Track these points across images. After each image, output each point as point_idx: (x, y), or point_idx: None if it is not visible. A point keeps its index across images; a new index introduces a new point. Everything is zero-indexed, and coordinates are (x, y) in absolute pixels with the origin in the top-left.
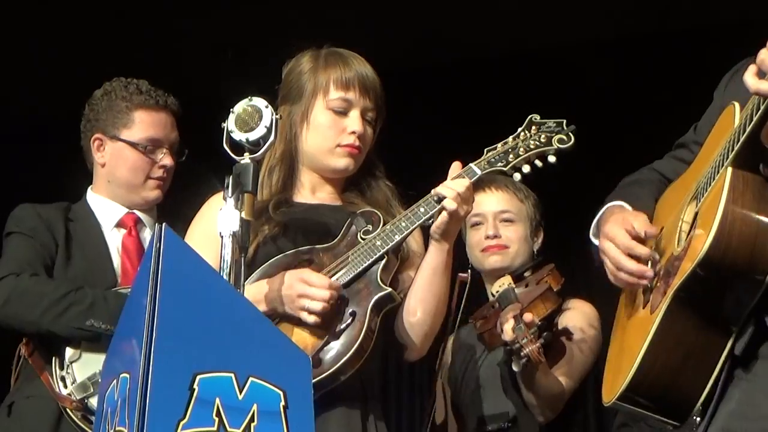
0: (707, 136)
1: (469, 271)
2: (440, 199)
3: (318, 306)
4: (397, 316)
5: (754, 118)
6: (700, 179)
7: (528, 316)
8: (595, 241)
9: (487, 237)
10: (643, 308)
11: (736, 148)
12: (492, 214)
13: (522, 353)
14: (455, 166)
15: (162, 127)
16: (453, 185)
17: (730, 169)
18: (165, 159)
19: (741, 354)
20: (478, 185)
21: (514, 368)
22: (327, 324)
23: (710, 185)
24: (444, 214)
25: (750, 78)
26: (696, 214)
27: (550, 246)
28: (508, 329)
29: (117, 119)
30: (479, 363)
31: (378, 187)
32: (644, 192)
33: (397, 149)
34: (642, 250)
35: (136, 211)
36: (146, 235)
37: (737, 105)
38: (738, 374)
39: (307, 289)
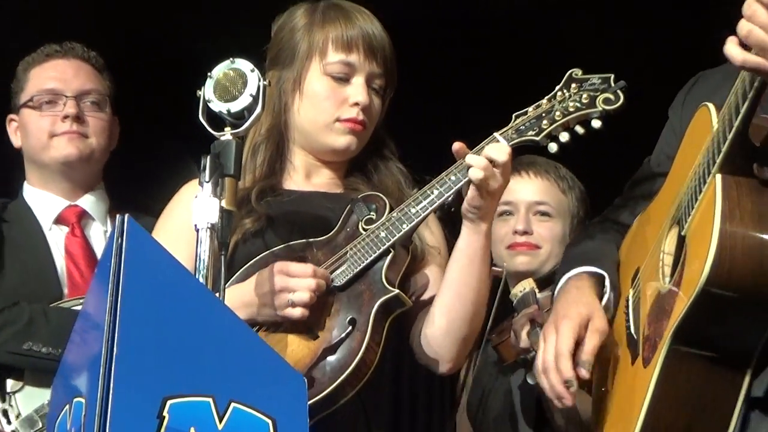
0: (676, 153)
1: (505, 265)
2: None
3: (304, 296)
4: (415, 327)
5: (746, 103)
6: (680, 201)
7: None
8: None
9: (516, 232)
10: (633, 361)
11: (723, 149)
12: (525, 204)
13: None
14: (456, 148)
15: (57, 73)
16: (488, 151)
17: (718, 177)
18: (68, 108)
19: (763, 395)
20: (513, 167)
21: (529, 381)
22: (320, 335)
23: (696, 201)
24: (472, 188)
25: (733, 48)
26: (682, 239)
27: None
28: (522, 335)
29: (17, 88)
30: (503, 387)
31: (388, 171)
32: (600, 244)
33: (407, 122)
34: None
35: (79, 203)
36: (93, 231)
37: (712, 105)
38: (755, 417)
39: (288, 281)
